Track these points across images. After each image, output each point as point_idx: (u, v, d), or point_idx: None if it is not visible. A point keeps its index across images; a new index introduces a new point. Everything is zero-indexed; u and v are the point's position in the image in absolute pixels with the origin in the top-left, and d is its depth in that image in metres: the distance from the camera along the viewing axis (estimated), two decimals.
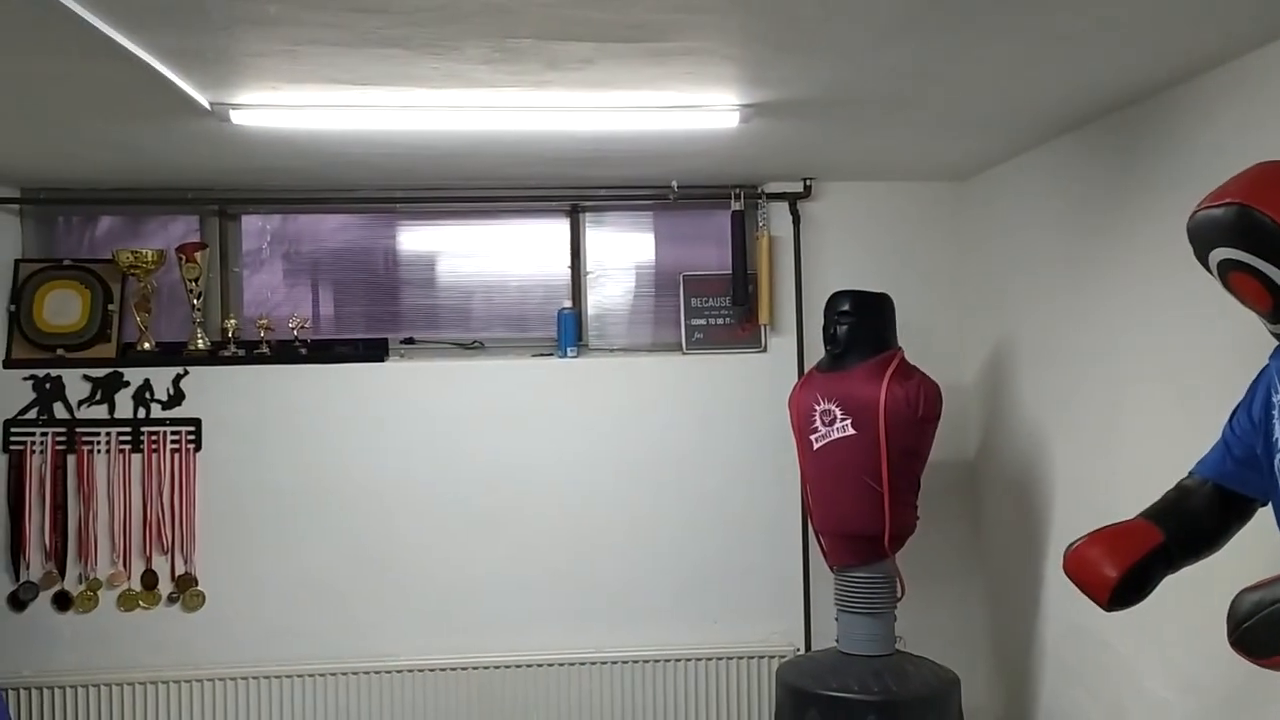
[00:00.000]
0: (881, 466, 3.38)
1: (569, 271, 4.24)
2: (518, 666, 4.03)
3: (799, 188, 4.17)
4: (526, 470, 4.10)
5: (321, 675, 3.96)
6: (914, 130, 3.35)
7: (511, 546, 4.09)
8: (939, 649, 3.81)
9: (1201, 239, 1.85)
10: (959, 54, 2.52)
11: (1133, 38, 2.42)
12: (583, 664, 4.05)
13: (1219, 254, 1.81)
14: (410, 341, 4.16)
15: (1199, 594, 2.35)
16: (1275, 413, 1.88)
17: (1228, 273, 1.82)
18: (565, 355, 4.13)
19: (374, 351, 4.09)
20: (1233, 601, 1.71)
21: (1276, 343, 1.90)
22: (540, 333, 4.22)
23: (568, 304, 4.19)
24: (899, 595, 3.58)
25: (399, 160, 3.60)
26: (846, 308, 3.53)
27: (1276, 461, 1.87)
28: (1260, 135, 2.41)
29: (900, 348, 3.56)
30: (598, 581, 4.12)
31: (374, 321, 4.24)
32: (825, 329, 3.60)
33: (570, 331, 4.13)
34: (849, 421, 3.42)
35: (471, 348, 4.18)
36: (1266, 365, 1.97)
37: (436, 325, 4.23)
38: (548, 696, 4.04)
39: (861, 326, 3.51)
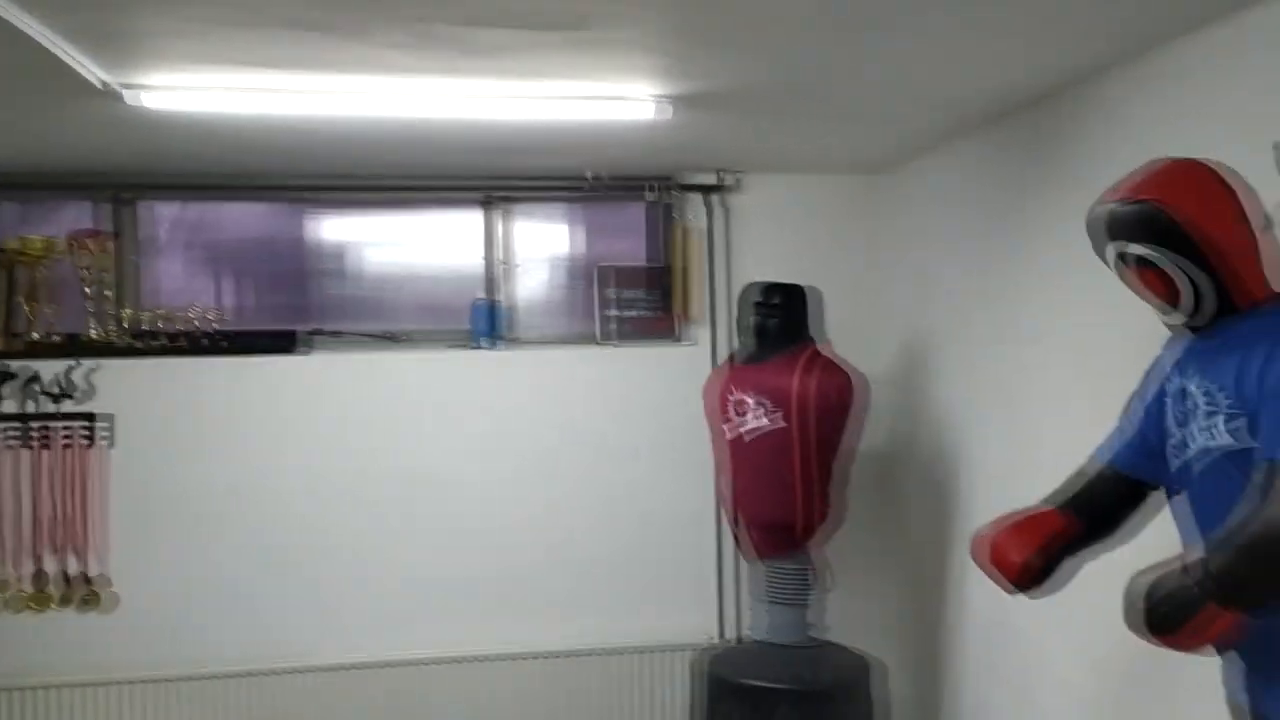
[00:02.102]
0: (794, 458, 3.42)
1: (483, 262, 4.19)
2: (435, 663, 3.98)
3: (714, 180, 4.18)
4: (442, 463, 4.06)
5: (239, 676, 3.87)
6: (832, 124, 3.39)
7: (428, 541, 4.04)
8: (864, 638, 3.88)
9: (1099, 232, 1.91)
10: (877, 48, 2.55)
11: (1042, 36, 2.48)
12: (499, 659, 4.02)
13: (1116, 247, 1.87)
14: (320, 333, 4.07)
15: (1103, 578, 2.42)
16: (1168, 400, 1.95)
17: (1124, 265, 1.89)
18: (480, 347, 4.09)
19: (282, 343, 3.99)
20: (1129, 584, 1.77)
21: (1170, 333, 1.98)
22: (455, 325, 4.16)
23: (482, 295, 4.15)
24: (818, 585, 3.62)
25: (309, 147, 3.51)
26: (761, 299, 3.55)
27: (1169, 447, 1.95)
28: (1158, 132, 2.50)
29: (815, 339, 3.60)
30: (514, 576, 4.09)
31: (283, 313, 4.13)
32: (741, 320, 3.62)
33: (485, 323, 4.09)
34: (763, 412, 3.45)
35: (385, 339, 4.10)
36: (1160, 355, 2.04)
37: (349, 317, 4.14)
38: (464, 693, 3.99)
39: (777, 318, 3.54)
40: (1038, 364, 3.14)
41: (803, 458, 3.43)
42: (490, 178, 4.10)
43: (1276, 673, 1.78)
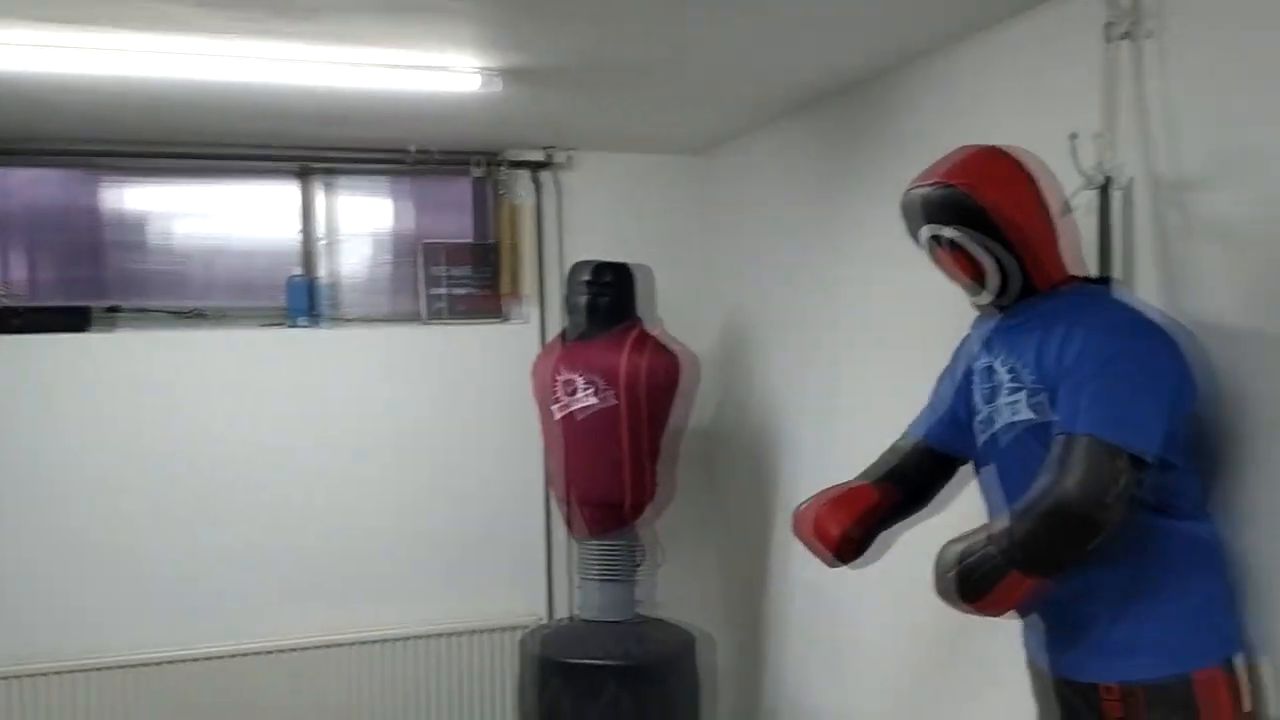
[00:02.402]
0: (623, 436, 3.43)
1: (300, 236, 4.00)
2: (250, 655, 3.81)
3: (542, 157, 4.13)
4: (257, 446, 3.87)
5: (41, 675, 3.60)
6: (657, 102, 3.39)
7: (241, 528, 3.85)
8: (691, 613, 3.93)
9: (915, 215, 1.97)
10: (703, 28, 2.56)
11: (861, 23, 2.54)
12: (322, 648, 3.88)
13: (930, 230, 1.94)
14: (119, 310, 3.80)
15: (911, 550, 2.53)
16: (975, 378, 2.04)
17: (935, 247, 1.96)
18: (297, 325, 3.91)
19: (76, 320, 3.70)
20: (939, 553, 1.84)
21: (977, 314, 2.07)
22: (269, 302, 3.96)
23: (299, 271, 3.97)
24: (646, 561, 3.65)
25: (107, 110, 3.26)
26: (589, 278, 3.54)
27: (976, 423, 2.04)
28: (965, 120, 2.61)
29: (642, 318, 3.61)
30: (335, 561, 3.95)
31: (78, 288, 3.82)
32: (568, 299, 3.60)
33: (303, 300, 3.91)
34: (590, 391, 3.44)
35: (190, 316, 3.87)
36: (968, 334, 2.13)
37: (152, 293, 3.88)
38: (285, 685, 3.83)
39: (604, 297, 3.53)
40: (853, 343, 3.24)
41: (632, 436, 3.44)
42: (308, 148, 3.91)
43: (1073, 633, 1.89)
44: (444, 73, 2.87)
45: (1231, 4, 1.91)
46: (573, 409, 3.47)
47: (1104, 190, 2.09)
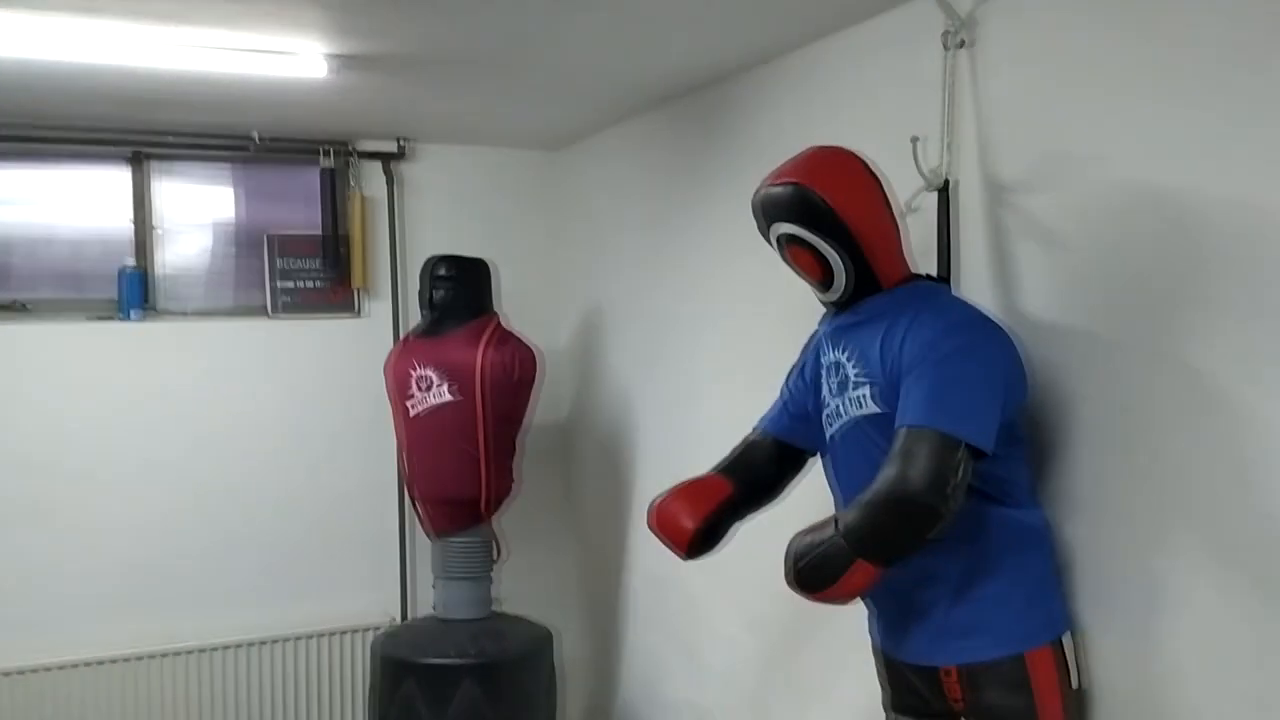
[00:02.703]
0: (479, 431, 3.39)
1: (132, 225, 3.79)
2: (88, 665, 3.60)
3: (394, 148, 4.04)
4: (87, 447, 3.67)
5: None
6: (508, 96, 3.35)
7: (72, 535, 3.65)
8: (541, 608, 3.91)
9: (764, 214, 2.00)
10: (551, 20, 2.54)
11: (710, 23, 2.57)
12: (162, 656, 3.70)
13: (779, 228, 1.98)
14: None
15: (763, 540, 2.58)
16: (823, 372, 2.09)
17: (786, 246, 1.99)
18: (129, 319, 3.72)
19: None
20: (789, 544, 1.88)
21: (825, 310, 2.12)
22: (100, 294, 3.75)
23: (131, 262, 3.76)
24: (499, 559, 3.62)
25: None
26: (444, 272, 3.48)
27: (824, 416, 2.09)
28: (810, 122, 2.68)
29: (497, 313, 3.58)
30: (175, 567, 3.78)
31: None
32: (421, 293, 3.54)
33: (135, 292, 3.72)
34: (446, 387, 3.39)
35: (11, 309, 3.63)
36: (817, 330, 2.18)
37: None
38: (127, 695, 3.64)
39: (459, 291, 3.48)
40: (704, 338, 3.29)
41: (486, 432, 3.40)
42: (141, 132, 3.71)
43: (914, 619, 1.97)
44: (287, 58, 2.77)
45: (1050, 16, 2.01)
46: (428, 405, 3.41)
47: (943, 192, 2.17)
